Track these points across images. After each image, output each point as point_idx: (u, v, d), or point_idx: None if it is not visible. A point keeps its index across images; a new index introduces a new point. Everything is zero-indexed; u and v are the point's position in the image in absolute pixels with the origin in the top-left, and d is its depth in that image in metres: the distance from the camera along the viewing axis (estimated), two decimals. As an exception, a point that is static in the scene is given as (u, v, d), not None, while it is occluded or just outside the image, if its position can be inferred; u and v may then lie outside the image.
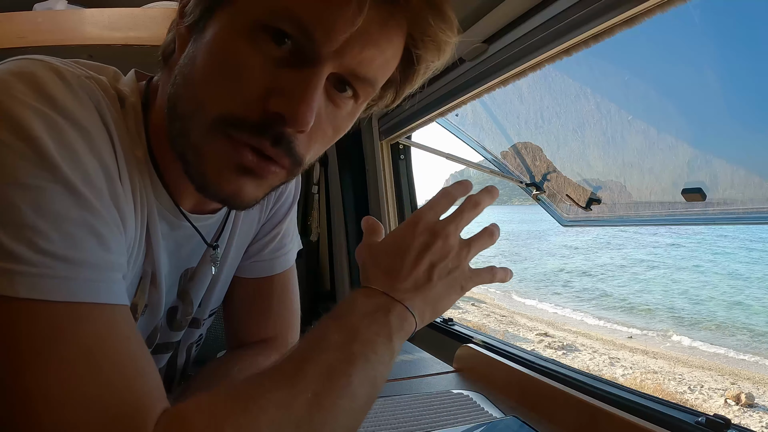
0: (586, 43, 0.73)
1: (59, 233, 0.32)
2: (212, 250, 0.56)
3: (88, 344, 0.32)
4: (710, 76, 0.87)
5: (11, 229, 0.30)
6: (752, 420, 6.80)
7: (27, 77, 0.35)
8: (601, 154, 1.10)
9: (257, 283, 0.65)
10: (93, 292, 0.33)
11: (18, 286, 0.30)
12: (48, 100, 0.34)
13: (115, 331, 0.34)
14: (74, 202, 0.33)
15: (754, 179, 0.81)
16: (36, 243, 0.31)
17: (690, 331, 11.89)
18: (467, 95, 1.04)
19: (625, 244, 28.10)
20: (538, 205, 1.36)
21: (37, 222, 0.31)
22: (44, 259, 0.31)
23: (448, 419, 0.64)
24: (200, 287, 0.59)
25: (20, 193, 0.31)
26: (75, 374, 0.30)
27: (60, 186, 0.33)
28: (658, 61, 0.91)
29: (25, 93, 0.34)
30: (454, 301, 0.48)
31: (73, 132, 0.35)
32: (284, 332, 0.66)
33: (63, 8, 1.01)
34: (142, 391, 0.33)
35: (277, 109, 0.36)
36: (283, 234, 0.67)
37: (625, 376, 8.58)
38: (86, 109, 0.37)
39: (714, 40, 0.83)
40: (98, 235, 0.34)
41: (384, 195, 1.56)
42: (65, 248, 0.32)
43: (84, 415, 0.30)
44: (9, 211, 0.31)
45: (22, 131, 0.32)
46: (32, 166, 0.32)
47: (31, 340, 0.30)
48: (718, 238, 28.62)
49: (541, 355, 1.00)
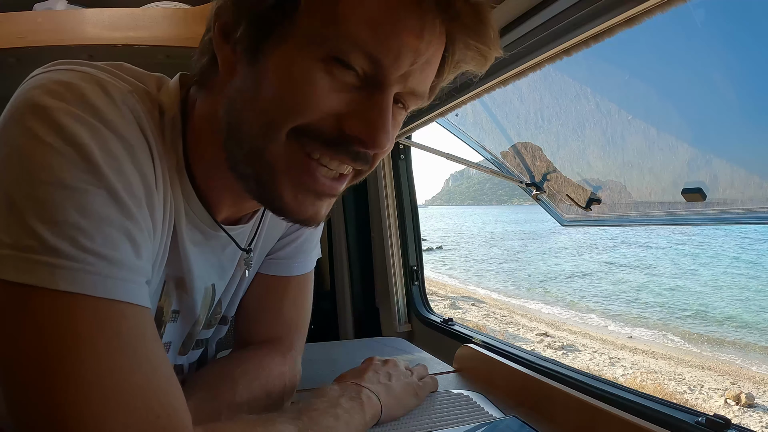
0: (586, 43, 0.73)
1: (100, 233, 0.34)
2: (246, 254, 0.59)
3: (129, 341, 0.34)
4: (710, 75, 0.87)
5: (55, 227, 0.32)
6: (752, 420, 6.80)
7: (74, 89, 0.37)
8: (601, 154, 1.10)
9: (273, 281, 0.66)
10: (127, 292, 0.35)
11: (59, 280, 0.32)
12: (93, 111, 0.37)
13: (150, 332, 0.36)
14: (115, 207, 0.36)
15: (754, 179, 0.81)
16: (78, 240, 0.33)
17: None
18: (467, 95, 1.04)
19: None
20: (538, 205, 1.36)
21: (80, 221, 0.33)
22: (85, 256, 0.33)
23: (448, 419, 0.64)
24: (230, 288, 0.62)
25: (66, 194, 0.33)
26: (118, 367, 0.32)
27: (104, 191, 0.35)
28: (658, 60, 0.91)
29: (72, 103, 0.36)
30: (410, 406, 0.65)
31: (116, 142, 0.37)
32: (291, 335, 0.67)
33: (63, 8, 1.01)
34: (175, 394, 0.36)
35: (354, 133, 0.40)
36: (305, 238, 0.68)
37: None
38: (128, 122, 0.39)
39: (714, 40, 0.83)
40: (133, 241, 0.37)
41: (384, 195, 1.56)
42: (105, 248, 0.34)
43: (127, 408, 0.32)
44: (54, 210, 0.33)
45: (70, 137, 0.35)
46: (79, 170, 0.34)
47: (74, 332, 0.32)
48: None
49: (541, 355, 1.00)
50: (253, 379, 0.58)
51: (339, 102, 0.40)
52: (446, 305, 13.32)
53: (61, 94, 0.36)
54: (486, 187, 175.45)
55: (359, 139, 0.41)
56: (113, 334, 0.33)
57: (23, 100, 0.36)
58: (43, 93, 0.36)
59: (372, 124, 0.40)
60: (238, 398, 0.54)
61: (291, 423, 0.46)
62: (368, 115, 0.40)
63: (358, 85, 0.40)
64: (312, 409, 0.51)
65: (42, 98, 0.36)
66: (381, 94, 0.40)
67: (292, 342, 0.67)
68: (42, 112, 0.35)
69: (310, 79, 0.39)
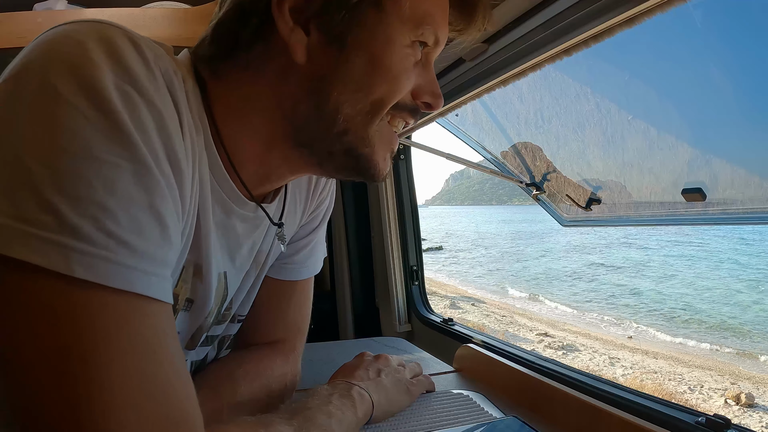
0: (586, 43, 0.73)
1: (127, 216, 0.30)
2: (278, 228, 0.59)
3: (151, 341, 0.31)
4: (710, 75, 0.87)
5: (77, 203, 0.28)
6: (752, 420, 6.80)
7: (107, 44, 0.33)
8: (601, 154, 1.10)
9: (280, 285, 0.66)
10: (150, 286, 0.31)
11: (75, 265, 0.28)
12: (127, 73, 0.33)
13: (170, 331, 0.33)
14: (146, 185, 0.32)
15: (754, 179, 0.81)
16: (102, 222, 0.29)
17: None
18: (467, 95, 1.04)
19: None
20: (537, 205, 1.36)
21: (106, 199, 0.29)
22: (108, 241, 0.29)
23: (448, 419, 0.64)
24: (244, 285, 0.60)
25: (91, 166, 0.29)
26: (140, 372, 0.29)
27: (134, 166, 0.31)
28: (658, 60, 0.91)
29: (106, 62, 0.32)
30: (403, 403, 0.66)
31: (147, 111, 0.33)
32: (293, 337, 0.67)
33: (63, 8, 1.01)
34: (193, 399, 0.33)
35: (426, 100, 0.50)
36: (317, 242, 0.68)
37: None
38: (160, 89, 0.36)
39: (714, 40, 0.83)
40: (163, 224, 0.33)
41: (384, 195, 1.56)
42: (130, 233, 0.30)
43: (148, 417, 0.29)
44: (78, 183, 0.28)
45: (102, 102, 0.30)
46: (108, 141, 0.30)
47: (90, 328, 0.28)
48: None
49: (541, 355, 1.00)
50: (254, 380, 0.58)
51: (415, 77, 0.48)
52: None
53: (91, 49, 0.31)
54: (486, 187, 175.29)
55: (428, 104, 0.51)
56: (135, 333, 0.30)
57: (46, 51, 0.31)
58: (71, 45, 0.31)
59: (436, 93, 0.50)
60: (240, 398, 0.54)
61: (287, 423, 0.46)
62: (432, 86, 0.50)
63: (419, 60, 0.49)
64: (305, 408, 0.51)
65: (69, 51, 0.31)
66: (431, 67, 0.51)
67: (295, 344, 0.67)
68: (69, 68, 0.30)
69: (405, 63, 0.46)
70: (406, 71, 0.47)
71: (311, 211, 0.66)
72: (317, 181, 0.66)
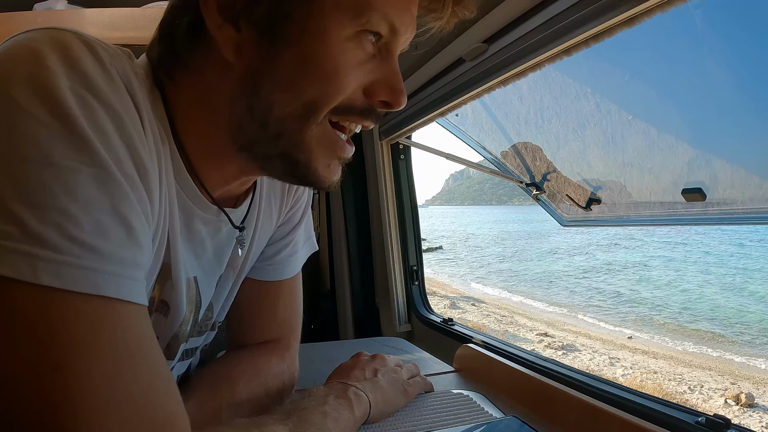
0: (586, 43, 0.73)
1: (90, 220, 0.30)
2: (239, 233, 0.55)
3: (126, 342, 0.30)
4: (710, 75, 0.87)
5: (39, 211, 0.28)
6: (752, 420, 6.80)
7: (62, 50, 0.33)
8: (601, 154, 1.10)
9: (266, 286, 0.65)
10: (120, 288, 0.31)
11: (41, 273, 0.27)
12: (82, 77, 0.33)
13: (147, 331, 0.33)
14: (108, 188, 0.31)
15: (754, 179, 0.81)
16: (65, 228, 0.29)
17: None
18: (467, 95, 1.04)
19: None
20: (537, 204, 1.36)
21: (68, 206, 0.29)
22: (72, 246, 0.29)
23: (448, 419, 0.64)
24: (222, 291, 0.59)
25: (51, 173, 0.29)
26: (117, 372, 0.29)
27: (94, 170, 0.31)
28: (658, 60, 0.91)
29: (61, 68, 0.32)
30: (399, 404, 0.65)
31: (105, 114, 0.33)
32: (287, 335, 0.67)
33: (63, 8, 1.01)
34: (175, 398, 0.33)
35: (382, 98, 0.44)
36: (296, 240, 0.67)
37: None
38: (118, 90, 0.35)
39: (714, 40, 0.83)
40: (129, 226, 0.33)
41: (384, 195, 1.56)
42: (94, 237, 0.30)
43: (131, 421, 0.29)
44: (39, 191, 0.28)
45: (59, 109, 0.30)
46: (67, 146, 0.30)
47: (66, 334, 0.28)
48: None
49: (541, 355, 1.00)
50: (252, 379, 0.57)
51: (365, 74, 0.43)
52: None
53: (46, 57, 0.31)
54: (486, 187, 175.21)
55: (386, 103, 0.45)
56: (110, 337, 0.29)
57: (2, 62, 0.31)
58: (26, 54, 0.31)
59: (395, 89, 0.44)
60: (238, 398, 0.54)
61: (282, 424, 0.46)
62: (391, 81, 0.44)
63: (374, 53, 0.43)
64: (300, 409, 0.50)
65: (24, 60, 0.31)
66: (392, 59, 0.45)
67: (289, 342, 0.66)
68: (25, 77, 0.31)
69: (346, 58, 0.41)
70: (347, 68, 0.41)
71: (287, 210, 0.65)
72: None
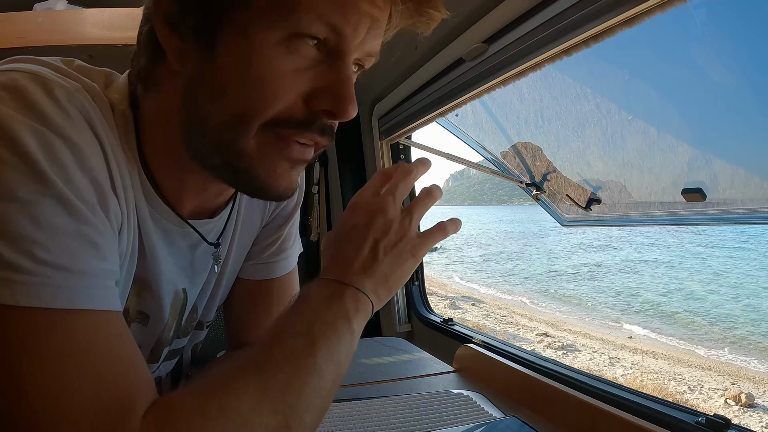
0: (586, 43, 0.73)
1: (57, 244, 0.33)
2: (214, 249, 0.57)
3: (80, 343, 0.33)
4: (710, 75, 0.87)
5: (10, 242, 0.32)
6: (752, 420, 6.81)
7: (18, 92, 0.36)
8: (601, 154, 1.10)
9: (258, 285, 0.66)
10: (88, 299, 0.34)
11: (18, 295, 0.31)
12: (39, 116, 0.35)
13: (107, 332, 0.35)
14: (69, 215, 0.34)
15: (754, 179, 0.81)
16: (35, 254, 0.32)
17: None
18: (467, 95, 1.04)
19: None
20: (537, 204, 1.36)
21: (35, 234, 0.32)
22: (44, 269, 0.32)
23: (448, 419, 0.64)
24: (205, 291, 0.60)
25: (16, 207, 0.32)
26: (67, 370, 0.32)
27: (54, 200, 0.34)
28: (658, 60, 0.91)
29: (17, 108, 0.35)
30: (408, 271, 0.49)
31: (64, 147, 0.36)
32: None
33: (63, 8, 1.01)
34: (131, 384, 0.35)
35: (324, 107, 0.40)
36: (284, 238, 0.67)
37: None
38: (76, 124, 0.38)
39: (714, 40, 0.83)
40: (94, 245, 0.36)
41: (384, 195, 1.56)
42: (63, 258, 0.33)
43: (77, 407, 0.32)
44: (7, 225, 0.32)
45: (16, 146, 0.33)
46: (26, 180, 0.33)
47: (27, 343, 0.31)
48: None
49: (541, 355, 1.00)
50: None
51: (305, 81, 0.40)
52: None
53: (5, 101, 0.35)
54: (486, 187, 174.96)
55: (329, 112, 0.41)
56: (64, 341, 0.33)
57: None
58: None
59: (341, 97, 0.40)
60: None
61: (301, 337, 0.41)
62: (336, 88, 0.40)
63: (319, 58, 0.40)
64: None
65: None
66: (343, 64, 0.40)
67: None
68: None
69: (276, 66, 0.38)
70: (277, 76, 0.38)
71: (272, 210, 0.65)
72: None
